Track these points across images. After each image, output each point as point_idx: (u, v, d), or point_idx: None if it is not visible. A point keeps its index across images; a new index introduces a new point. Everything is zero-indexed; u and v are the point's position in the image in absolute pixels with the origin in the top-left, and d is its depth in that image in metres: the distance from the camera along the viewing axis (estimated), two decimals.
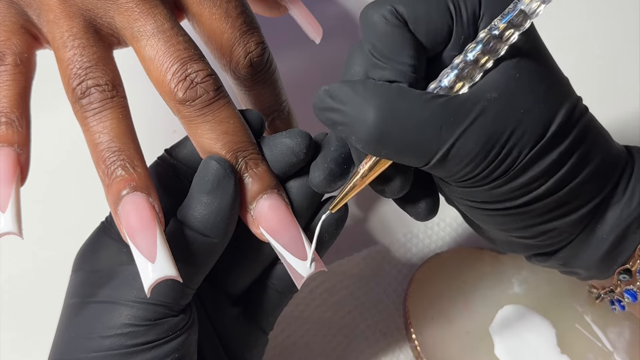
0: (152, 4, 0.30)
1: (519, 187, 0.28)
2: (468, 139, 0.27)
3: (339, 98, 0.28)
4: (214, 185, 0.29)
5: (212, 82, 0.30)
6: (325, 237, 0.33)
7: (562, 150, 0.28)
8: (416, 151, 0.27)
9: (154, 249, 0.27)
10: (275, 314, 0.36)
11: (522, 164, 0.27)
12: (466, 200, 0.30)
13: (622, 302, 0.33)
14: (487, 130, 0.27)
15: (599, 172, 0.29)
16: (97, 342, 0.29)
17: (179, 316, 0.30)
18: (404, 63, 0.27)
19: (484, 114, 0.27)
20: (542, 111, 0.27)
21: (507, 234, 0.31)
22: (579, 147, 0.28)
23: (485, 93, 0.27)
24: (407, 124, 0.26)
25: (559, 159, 0.28)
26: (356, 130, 0.27)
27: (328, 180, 0.31)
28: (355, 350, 0.42)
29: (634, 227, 0.30)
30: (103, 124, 0.29)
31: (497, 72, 0.27)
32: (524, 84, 0.27)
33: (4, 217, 0.29)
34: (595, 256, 0.31)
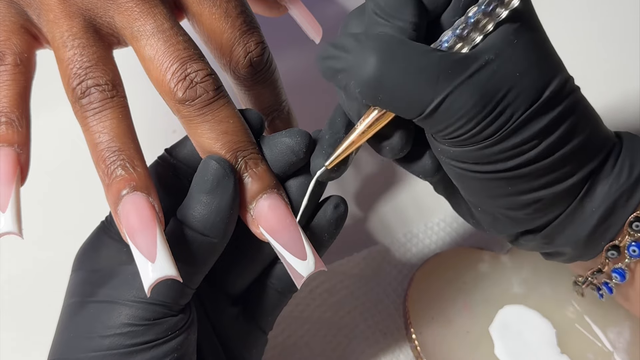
0: (151, 3, 0.30)
1: (510, 147, 0.28)
2: (463, 92, 0.27)
3: (342, 46, 0.29)
4: (213, 185, 0.29)
5: (211, 81, 0.30)
6: (324, 237, 0.33)
7: (554, 116, 0.28)
8: (411, 99, 0.28)
9: (154, 249, 0.27)
10: (274, 313, 0.36)
11: (514, 124, 0.28)
12: (456, 162, 0.30)
13: (610, 283, 0.33)
14: (483, 86, 0.27)
15: (588, 144, 0.30)
16: (97, 341, 0.29)
17: (178, 316, 0.30)
18: (405, 20, 0.28)
19: (481, 71, 0.27)
20: (537, 77, 0.28)
21: (495, 203, 0.31)
22: (570, 117, 0.29)
23: (484, 54, 0.28)
24: (406, 71, 0.27)
25: (551, 124, 0.28)
26: (356, 74, 0.28)
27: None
28: (355, 350, 0.42)
29: (623, 201, 0.31)
30: (103, 123, 0.29)
31: (495, 36, 0.28)
32: (521, 49, 0.28)
33: (4, 217, 0.29)
34: (583, 231, 0.31)
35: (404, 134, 0.31)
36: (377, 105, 0.29)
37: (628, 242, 0.31)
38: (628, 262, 0.32)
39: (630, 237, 0.31)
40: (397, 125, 0.30)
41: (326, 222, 0.32)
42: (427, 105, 0.27)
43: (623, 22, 0.54)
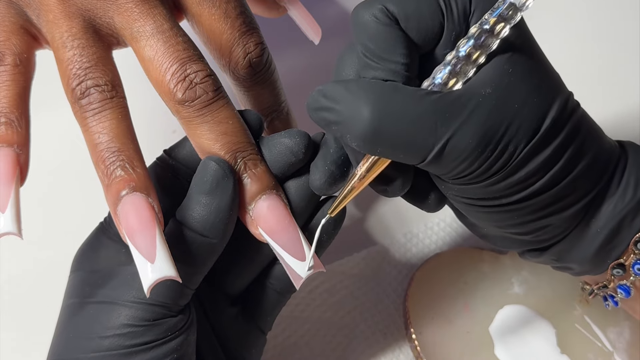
0: (151, 4, 0.30)
1: (516, 183, 0.28)
2: (464, 134, 0.26)
3: (333, 97, 0.28)
4: (212, 185, 0.29)
5: (211, 82, 0.30)
6: (323, 237, 0.33)
7: (557, 144, 0.28)
8: (412, 148, 0.27)
9: (154, 250, 0.27)
10: (273, 314, 0.36)
11: (518, 159, 0.27)
12: (463, 197, 0.30)
13: (616, 297, 0.33)
14: (483, 125, 0.27)
15: (593, 165, 0.29)
16: (96, 342, 0.29)
17: (178, 316, 0.30)
18: (396, 62, 0.27)
19: (479, 108, 0.27)
20: (536, 105, 0.28)
21: (502, 230, 0.31)
22: (573, 141, 0.28)
23: (480, 88, 0.27)
24: (402, 120, 0.26)
25: (554, 153, 0.28)
26: (350, 128, 0.27)
27: (329, 182, 0.31)
28: (355, 350, 0.42)
29: (628, 220, 0.30)
30: (102, 124, 0.29)
31: (490, 67, 0.27)
32: (517, 78, 0.27)
33: (4, 217, 0.29)
34: (589, 251, 0.31)
35: (403, 175, 0.30)
36: (377, 155, 0.28)
37: (633, 261, 0.31)
38: (633, 279, 0.31)
39: (636, 255, 0.31)
40: (396, 166, 0.30)
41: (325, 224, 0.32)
42: (429, 152, 0.27)
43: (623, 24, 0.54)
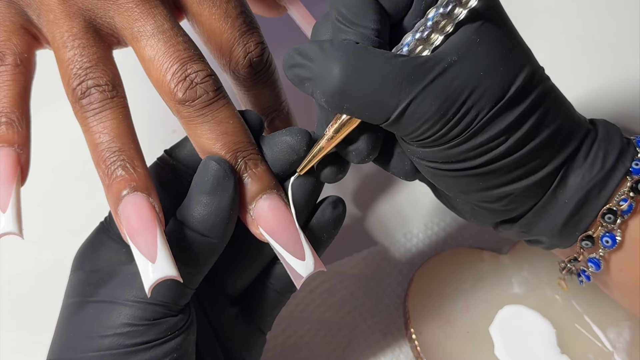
0: (152, 4, 0.30)
1: (478, 146, 0.29)
2: (426, 97, 0.27)
3: (307, 55, 0.29)
4: (213, 185, 0.29)
5: (211, 82, 0.30)
6: (323, 237, 0.33)
7: (521, 111, 0.29)
8: (376, 106, 0.28)
9: (155, 249, 0.27)
10: (273, 314, 0.36)
11: (480, 124, 0.28)
12: (427, 162, 0.30)
13: (587, 271, 0.34)
14: (446, 90, 0.27)
15: (559, 135, 0.30)
16: (96, 341, 0.29)
17: (178, 316, 0.30)
18: (367, 27, 0.28)
19: (443, 74, 0.27)
20: (502, 74, 0.28)
21: (469, 197, 0.32)
22: (538, 109, 0.29)
23: (446, 55, 0.28)
24: (369, 79, 0.27)
25: (518, 120, 0.29)
26: (321, 84, 0.28)
27: (335, 170, 0.32)
28: (355, 350, 0.42)
29: (596, 192, 0.31)
30: (103, 124, 0.29)
31: (457, 36, 0.28)
32: (484, 47, 0.28)
33: (5, 217, 0.29)
34: (557, 222, 0.31)
35: (370, 138, 0.31)
36: (344, 113, 0.29)
37: (601, 233, 0.31)
38: (602, 252, 0.32)
39: (603, 228, 0.31)
40: (364, 129, 0.31)
41: (324, 222, 0.33)
42: (392, 112, 0.28)
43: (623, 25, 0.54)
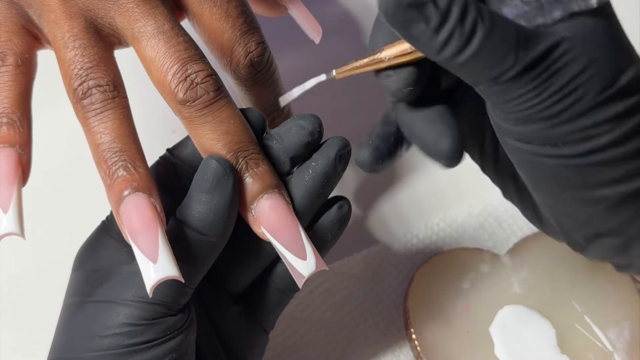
0: (152, 4, 0.30)
1: (581, 129, 0.27)
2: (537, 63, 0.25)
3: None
4: (212, 184, 0.29)
5: (212, 82, 0.30)
6: (327, 237, 0.33)
7: (631, 104, 0.27)
8: (490, 64, 0.26)
9: (156, 250, 0.28)
10: (276, 312, 0.36)
11: (586, 105, 0.26)
12: (523, 144, 0.28)
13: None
14: (557, 61, 0.25)
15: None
16: (96, 341, 0.29)
17: (178, 315, 0.30)
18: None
19: (558, 47, 0.26)
20: (613, 61, 0.26)
21: (563, 196, 0.29)
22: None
23: (558, 32, 0.26)
24: (489, 37, 0.25)
25: (627, 111, 0.26)
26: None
27: (374, 156, 0.31)
28: (355, 350, 0.42)
29: None
30: (104, 124, 0.29)
31: (570, 20, 0.26)
32: (598, 34, 0.26)
33: (6, 217, 0.29)
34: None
35: (417, 71, 0.29)
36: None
37: None
38: None
39: None
40: (420, 66, 0.29)
41: (330, 223, 0.33)
42: (505, 72, 0.26)
43: None
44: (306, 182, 0.31)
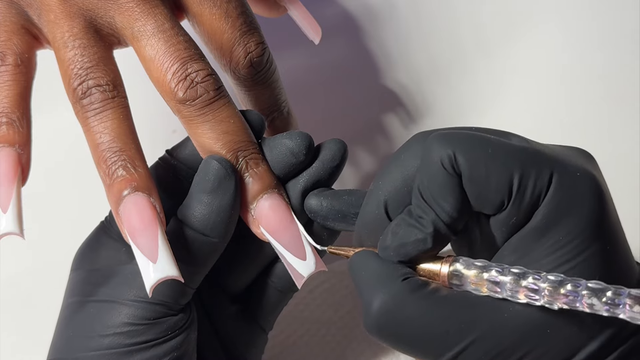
0: (152, 3, 0.30)
1: None
2: (477, 348, 0.25)
3: (355, 268, 0.28)
4: (214, 185, 0.29)
5: (212, 81, 0.30)
6: (324, 237, 0.33)
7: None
8: (419, 350, 0.26)
9: (156, 249, 0.28)
10: (275, 312, 0.36)
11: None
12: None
13: None
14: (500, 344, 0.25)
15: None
16: (96, 340, 0.29)
17: (178, 315, 0.30)
18: (441, 211, 0.26)
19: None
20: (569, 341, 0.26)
21: None
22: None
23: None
24: (410, 324, 0.26)
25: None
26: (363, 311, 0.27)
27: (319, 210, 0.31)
28: (355, 350, 0.42)
29: None
30: (104, 124, 0.29)
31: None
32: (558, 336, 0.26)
33: (6, 217, 0.29)
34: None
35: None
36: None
37: None
38: None
39: None
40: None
41: None
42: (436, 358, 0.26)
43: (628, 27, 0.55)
44: (301, 185, 0.31)
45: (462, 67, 0.52)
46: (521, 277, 0.25)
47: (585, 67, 0.52)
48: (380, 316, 0.26)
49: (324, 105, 0.50)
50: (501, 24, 0.53)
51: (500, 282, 0.25)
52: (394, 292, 0.26)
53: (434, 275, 0.27)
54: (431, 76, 0.51)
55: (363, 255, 0.29)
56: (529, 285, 0.25)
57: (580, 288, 0.24)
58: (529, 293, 0.25)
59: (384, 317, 0.26)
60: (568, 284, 0.24)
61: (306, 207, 0.31)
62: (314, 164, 0.32)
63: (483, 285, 0.26)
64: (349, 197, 0.31)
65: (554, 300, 0.24)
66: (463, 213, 0.27)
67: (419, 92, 0.51)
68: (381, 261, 0.28)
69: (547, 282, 0.24)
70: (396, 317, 0.26)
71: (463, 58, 0.52)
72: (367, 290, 0.27)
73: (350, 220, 0.31)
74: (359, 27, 0.53)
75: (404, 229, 0.27)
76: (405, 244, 0.27)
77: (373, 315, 0.26)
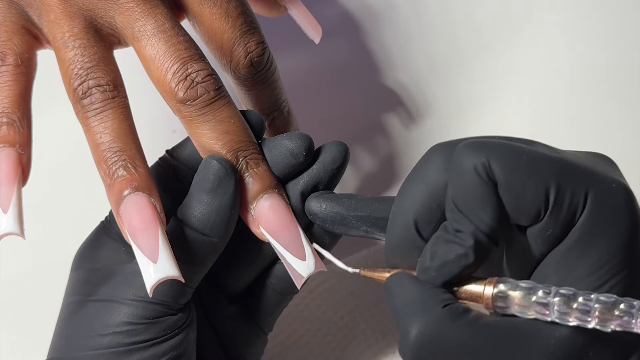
0: (152, 3, 0.30)
1: None
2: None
3: (393, 292, 0.28)
4: (214, 184, 0.29)
5: (212, 81, 0.30)
6: (325, 240, 0.33)
7: None
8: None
9: (156, 249, 0.28)
10: (274, 314, 0.36)
11: None
12: None
13: None
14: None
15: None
16: (96, 340, 0.29)
17: (178, 315, 0.30)
18: (481, 222, 0.26)
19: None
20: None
21: None
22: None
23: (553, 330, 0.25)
24: (452, 353, 0.25)
25: None
26: (400, 334, 0.26)
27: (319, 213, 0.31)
28: (355, 350, 0.42)
29: None
30: (104, 124, 0.29)
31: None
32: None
33: (6, 217, 0.29)
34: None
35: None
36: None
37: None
38: None
39: None
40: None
41: None
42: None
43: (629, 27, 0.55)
44: (301, 186, 0.31)
45: (462, 67, 0.52)
46: (571, 298, 0.24)
47: (585, 67, 0.52)
48: (418, 345, 0.25)
49: (324, 105, 0.50)
50: (501, 24, 0.53)
51: (549, 303, 0.24)
52: (434, 319, 0.25)
53: (477, 297, 0.26)
54: (431, 76, 0.51)
55: (399, 278, 0.28)
56: (580, 307, 0.24)
57: (635, 309, 0.23)
58: (580, 315, 0.24)
59: (422, 346, 0.25)
60: (622, 304, 0.23)
61: (306, 209, 0.31)
62: (314, 165, 0.32)
63: (530, 308, 0.25)
64: (349, 201, 0.31)
65: (607, 321, 0.23)
66: (502, 223, 0.26)
67: (419, 92, 0.51)
68: (420, 285, 0.27)
69: (599, 303, 0.24)
70: (436, 346, 0.25)
71: (463, 58, 0.52)
72: (405, 316, 0.26)
73: (349, 224, 0.31)
74: (359, 27, 0.53)
75: (443, 247, 0.26)
76: (447, 262, 0.26)
77: (410, 343, 0.25)
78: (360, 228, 0.31)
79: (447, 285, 0.26)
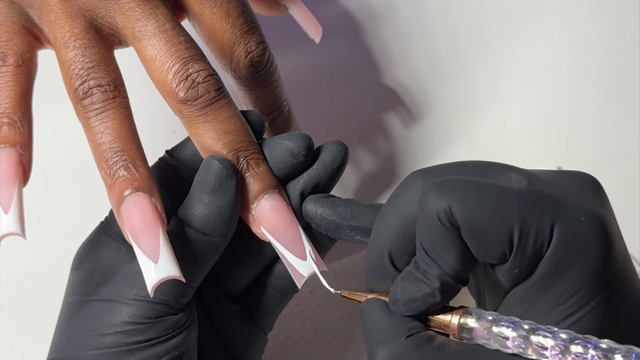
0: (153, 4, 0.30)
1: None
2: None
3: (365, 317, 0.28)
4: (215, 184, 0.29)
5: (213, 81, 0.30)
6: (324, 240, 0.33)
7: None
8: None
9: (157, 249, 0.28)
10: (275, 313, 0.36)
11: None
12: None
13: None
14: None
15: None
16: (97, 339, 0.29)
17: (179, 314, 0.30)
18: (446, 265, 0.26)
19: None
20: None
21: None
22: None
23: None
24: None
25: None
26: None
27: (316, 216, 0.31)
28: (355, 350, 0.42)
29: None
30: (105, 124, 0.29)
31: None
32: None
33: (7, 218, 0.29)
34: None
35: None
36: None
37: None
38: None
39: None
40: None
41: None
42: None
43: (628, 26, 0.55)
44: (301, 186, 0.31)
45: (462, 67, 0.52)
46: (531, 332, 0.25)
47: (586, 67, 0.53)
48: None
49: (324, 105, 0.50)
50: (501, 24, 0.53)
51: (510, 337, 0.25)
52: (398, 349, 0.26)
53: (444, 326, 0.27)
54: (431, 76, 0.51)
55: (372, 304, 0.29)
56: (539, 342, 0.24)
57: (592, 348, 0.24)
58: (538, 349, 0.25)
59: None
60: (579, 344, 0.24)
61: (303, 212, 0.31)
62: (314, 165, 0.32)
63: (492, 339, 0.26)
64: (344, 209, 0.31)
65: (564, 358, 0.24)
66: (468, 264, 0.26)
67: (420, 92, 0.51)
68: (389, 314, 0.28)
69: (557, 340, 0.24)
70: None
71: (463, 57, 0.52)
72: (373, 342, 0.27)
73: (343, 232, 0.31)
74: (359, 27, 0.53)
75: (412, 283, 0.27)
76: (415, 299, 0.27)
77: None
78: (354, 237, 0.31)
79: (418, 315, 0.27)
